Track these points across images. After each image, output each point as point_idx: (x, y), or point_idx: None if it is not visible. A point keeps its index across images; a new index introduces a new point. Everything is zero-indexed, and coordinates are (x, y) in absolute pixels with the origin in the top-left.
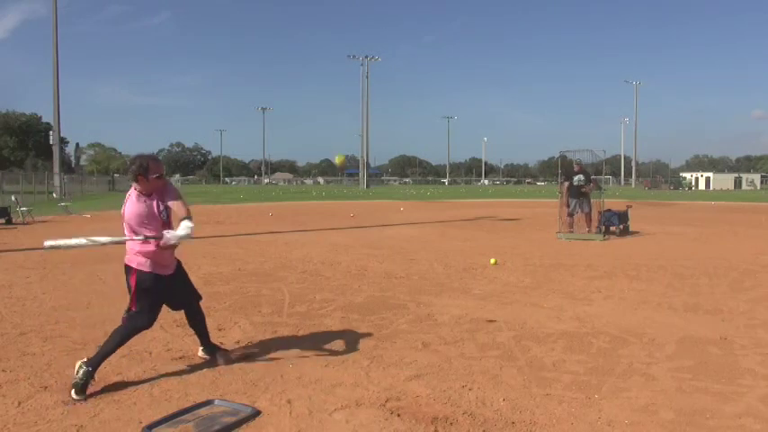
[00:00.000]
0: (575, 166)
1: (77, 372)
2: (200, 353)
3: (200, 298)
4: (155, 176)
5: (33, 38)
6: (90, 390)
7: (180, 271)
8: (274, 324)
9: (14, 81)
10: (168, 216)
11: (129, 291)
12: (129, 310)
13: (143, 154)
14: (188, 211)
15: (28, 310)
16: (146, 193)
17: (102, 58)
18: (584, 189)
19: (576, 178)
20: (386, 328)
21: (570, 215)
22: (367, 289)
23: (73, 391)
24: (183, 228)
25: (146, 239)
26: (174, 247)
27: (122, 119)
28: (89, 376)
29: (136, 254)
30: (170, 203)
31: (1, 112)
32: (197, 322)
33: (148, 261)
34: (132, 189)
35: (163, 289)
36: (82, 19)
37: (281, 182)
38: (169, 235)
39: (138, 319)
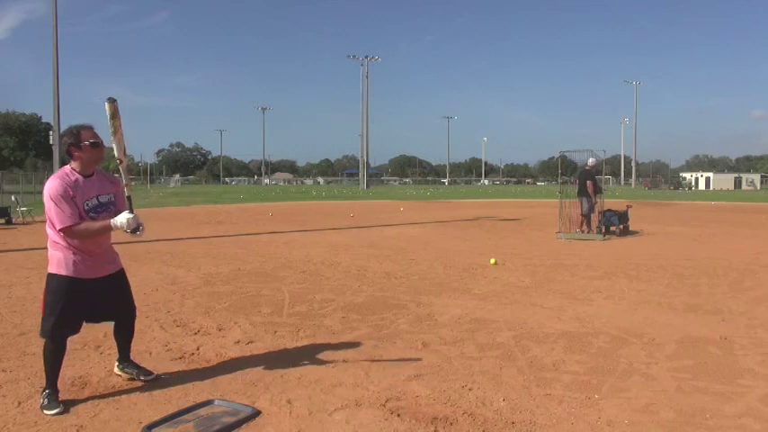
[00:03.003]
0: (589, 165)
1: (39, 399)
2: (116, 370)
3: (134, 315)
4: (87, 143)
5: (33, 38)
6: (90, 390)
7: (118, 277)
8: (274, 324)
9: (14, 81)
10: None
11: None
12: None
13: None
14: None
15: (28, 310)
16: (82, 172)
17: (102, 58)
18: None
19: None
20: (386, 328)
21: (585, 215)
22: (367, 289)
23: (44, 411)
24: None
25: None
26: (104, 241)
27: (122, 119)
28: (50, 396)
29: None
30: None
31: (1, 112)
32: (125, 338)
33: (66, 261)
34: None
35: (82, 295)
36: (82, 19)
37: (281, 182)
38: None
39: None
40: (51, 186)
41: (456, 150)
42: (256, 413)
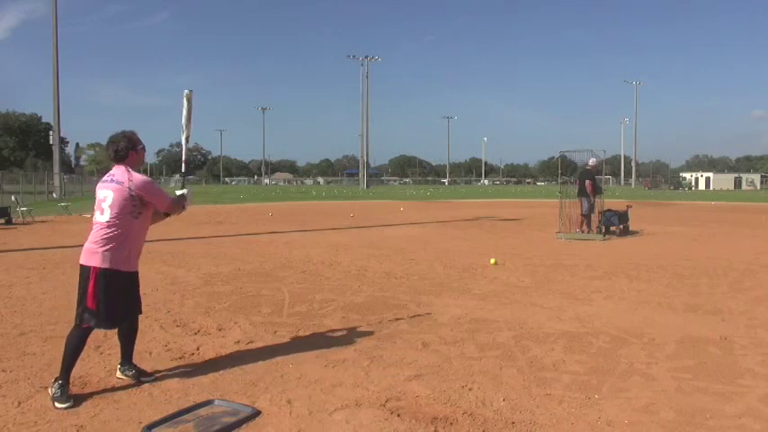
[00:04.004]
0: (590, 165)
1: (51, 390)
2: (118, 374)
3: (140, 312)
4: (141, 147)
5: (33, 38)
6: (90, 390)
7: (137, 274)
8: (274, 324)
9: (14, 81)
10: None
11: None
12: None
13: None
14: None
15: (28, 310)
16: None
17: (102, 58)
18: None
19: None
20: (386, 328)
21: (585, 215)
22: (367, 289)
23: (56, 404)
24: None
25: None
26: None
27: (122, 119)
28: (63, 387)
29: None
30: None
31: (1, 112)
32: (129, 337)
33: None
34: (120, 170)
35: (122, 288)
36: (82, 19)
37: (281, 182)
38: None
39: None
40: (146, 178)
41: (456, 150)
42: (256, 413)
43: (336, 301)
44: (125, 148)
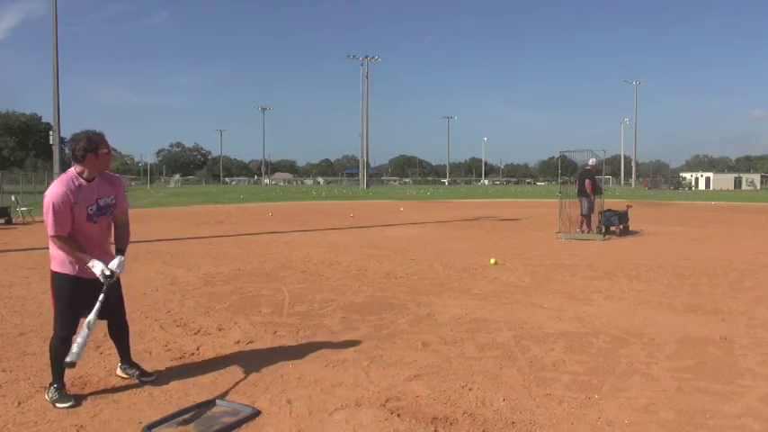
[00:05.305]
0: (590, 165)
1: (48, 394)
2: (119, 371)
3: (123, 313)
4: (104, 151)
5: (33, 38)
6: (90, 389)
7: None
8: (274, 324)
9: (14, 81)
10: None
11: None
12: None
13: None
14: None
15: (28, 310)
16: (87, 177)
17: (102, 58)
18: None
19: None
20: (386, 328)
21: (585, 215)
22: (367, 289)
23: (56, 404)
24: (117, 263)
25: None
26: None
27: (122, 119)
28: (60, 390)
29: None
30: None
31: (1, 112)
32: (121, 336)
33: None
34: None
35: (82, 294)
36: (82, 19)
37: (281, 182)
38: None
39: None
40: (54, 193)
41: (456, 150)
42: (256, 413)
43: (336, 301)
44: (83, 149)
